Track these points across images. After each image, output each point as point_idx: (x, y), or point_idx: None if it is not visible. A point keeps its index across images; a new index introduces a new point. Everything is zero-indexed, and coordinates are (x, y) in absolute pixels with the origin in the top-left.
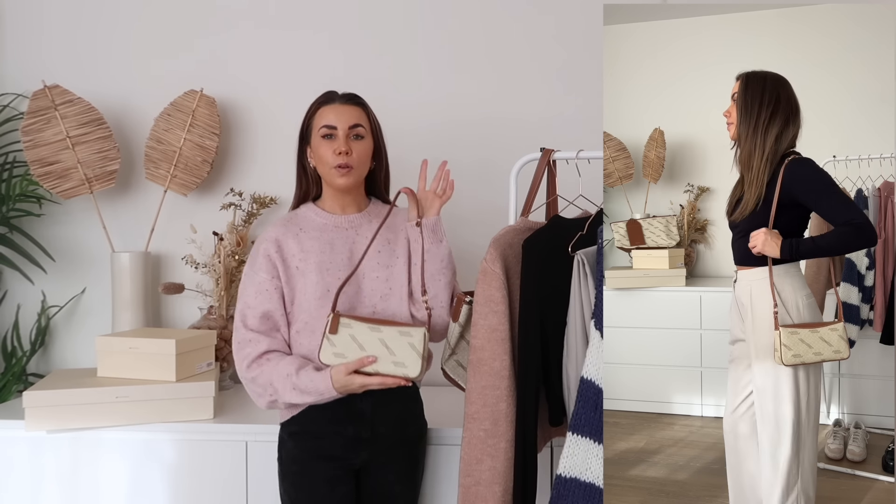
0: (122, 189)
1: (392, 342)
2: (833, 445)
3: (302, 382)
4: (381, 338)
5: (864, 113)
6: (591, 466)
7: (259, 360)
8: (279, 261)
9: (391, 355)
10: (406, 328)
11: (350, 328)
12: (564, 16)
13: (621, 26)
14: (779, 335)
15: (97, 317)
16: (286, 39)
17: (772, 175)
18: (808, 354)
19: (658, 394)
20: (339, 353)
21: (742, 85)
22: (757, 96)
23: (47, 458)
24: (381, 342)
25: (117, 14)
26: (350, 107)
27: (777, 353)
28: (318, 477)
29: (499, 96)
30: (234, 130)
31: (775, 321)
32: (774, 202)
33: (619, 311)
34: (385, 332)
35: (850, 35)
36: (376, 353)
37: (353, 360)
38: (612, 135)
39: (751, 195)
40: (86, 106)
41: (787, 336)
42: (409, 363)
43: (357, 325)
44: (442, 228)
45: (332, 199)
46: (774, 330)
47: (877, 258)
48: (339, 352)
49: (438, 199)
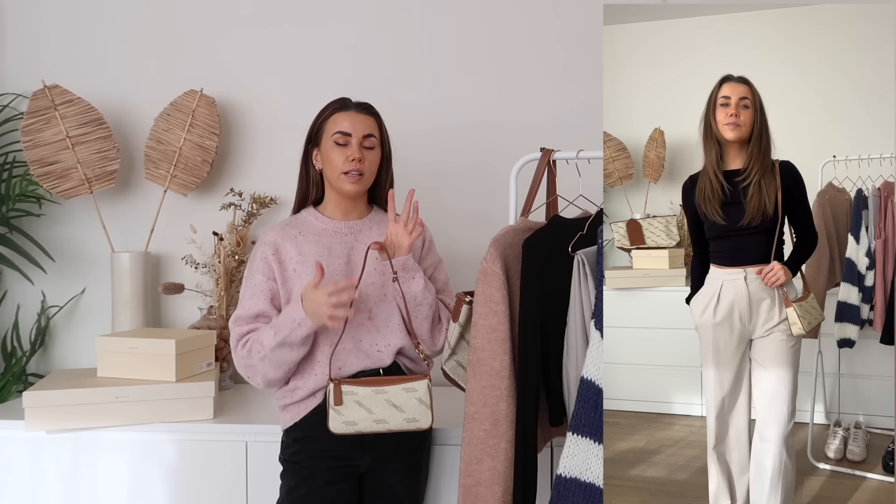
0: (122, 189)
1: (399, 400)
2: (833, 445)
3: (278, 320)
4: (387, 399)
5: (864, 112)
6: (591, 466)
7: (248, 335)
8: (276, 263)
9: (401, 413)
10: (409, 383)
11: (355, 395)
12: (565, 16)
13: (621, 26)
14: (794, 309)
15: (97, 317)
16: (286, 39)
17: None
18: (813, 321)
19: (658, 394)
20: (350, 420)
21: (751, 89)
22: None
23: (47, 459)
24: (388, 403)
25: (117, 14)
26: (365, 116)
27: (796, 325)
28: (320, 470)
29: (499, 96)
30: (234, 130)
31: (786, 300)
32: (780, 203)
33: (619, 311)
34: (390, 392)
35: (850, 35)
36: (385, 415)
37: (330, 284)
38: (612, 135)
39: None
40: (86, 106)
41: (799, 308)
42: (420, 417)
43: (361, 391)
44: (413, 265)
45: (335, 204)
46: (786, 307)
47: (877, 258)
48: (348, 420)
49: (408, 237)
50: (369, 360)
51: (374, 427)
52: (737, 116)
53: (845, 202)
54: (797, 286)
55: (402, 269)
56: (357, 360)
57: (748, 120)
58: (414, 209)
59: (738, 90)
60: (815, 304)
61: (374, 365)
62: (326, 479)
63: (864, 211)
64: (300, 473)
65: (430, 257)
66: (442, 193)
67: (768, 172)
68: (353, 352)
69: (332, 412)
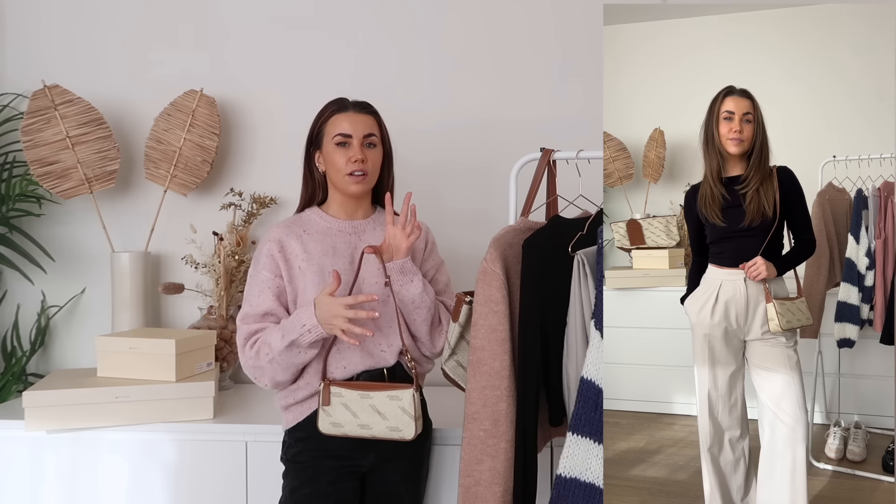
0: (122, 189)
1: (383, 407)
2: (833, 445)
3: (287, 322)
4: (371, 404)
5: (863, 112)
6: (591, 466)
7: (256, 335)
8: (282, 260)
9: (385, 420)
10: (395, 391)
11: (341, 397)
12: (565, 16)
13: (621, 26)
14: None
15: (97, 317)
16: (287, 39)
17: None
18: (794, 321)
19: (658, 394)
20: (336, 422)
21: (753, 103)
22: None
23: (47, 458)
24: (372, 409)
25: (117, 13)
26: (364, 115)
27: (773, 321)
28: (324, 470)
29: (499, 96)
30: (234, 130)
31: (767, 295)
32: (778, 206)
33: (619, 311)
34: (375, 399)
35: (849, 35)
36: (369, 421)
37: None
38: (612, 135)
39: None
40: (85, 106)
41: (779, 305)
42: (402, 427)
43: (347, 394)
44: (411, 268)
45: (339, 204)
46: (766, 302)
47: (877, 258)
48: (335, 421)
49: (406, 240)
50: (373, 359)
51: (358, 432)
52: (741, 132)
53: (845, 202)
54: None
55: (399, 272)
56: (361, 359)
57: (750, 134)
58: (412, 212)
59: (742, 105)
60: (803, 308)
61: (377, 365)
62: (330, 479)
63: (864, 211)
64: (304, 473)
65: (431, 259)
66: (442, 193)
67: (766, 178)
68: (357, 351)
69: (322, 412)
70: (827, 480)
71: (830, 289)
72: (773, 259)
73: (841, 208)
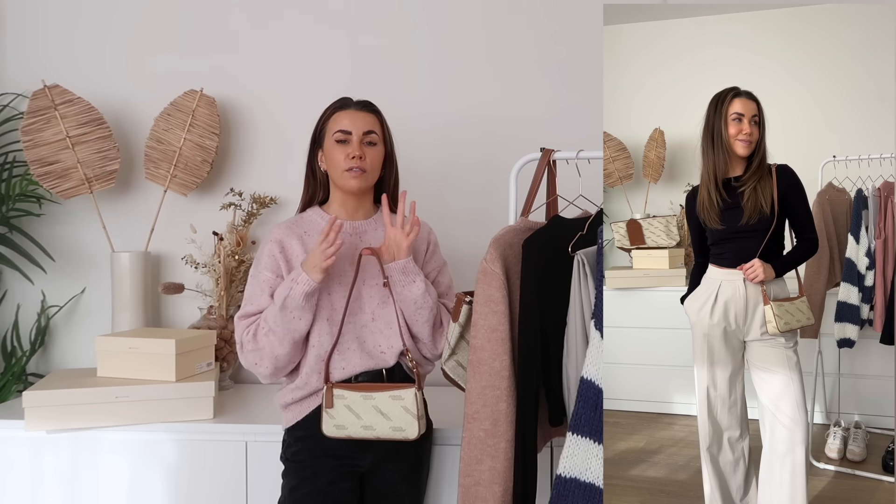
0: (122, 189)
1: (385, 407)
2: (833, 445)
3: (279, 287)
4: (374, 405)
5: (863, 113)
6: (591, 466)
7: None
8: (283, 261)
9: (388, 421)
10: (397, 391)
11: (344, 399)
12: (565, 16)
13: (621, 26)
14: (770, 308)
15: (97, 317)
16: (287, 39)
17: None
18: (793, 322)
19: (658, 394)
20: (340, 424)
21: (759, 106)
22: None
23: (47, 458)
24: (375, 409)
25: (117, 13)
26: (365, 113)
27: (771, 323)
28: (323, 469)
29: (499, 96)
30: (234, 130)
31: (764, 297)
32: (776, 204)
33: (619, 311)
34: (378, 399)
35: (849, 35)
36: (373, 422)
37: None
38: (612, 135)
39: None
40: (85, 106)
41: (777, 307)
42: (406, 426)
43: (350, 395)
44: (413, 269)
45: (340, 203)
46: (764, 304)
47: (877, 258)
48: (339, 423)
49: (406, 239)
50: (373, 360)
51: (362, 433)
52: (750, 134)
53: (845, 202)
54: (791, 288)
55: (401, 273)
56: (361, 360)
57: (757, 136)
58: (410, 209)
59: (750, 108)
60: (804, 308)
61: (377, 366)
62: (329, 478)
63: (864, 211)
64: (303, 472)
65: (434, 261)
66: (442, 193)
67: (764, 177)
68: (357, 352)
69: (325, 415)
70: (827, 480)
71: (830, 289)
72: (773, 260)
73: (841, 208)
